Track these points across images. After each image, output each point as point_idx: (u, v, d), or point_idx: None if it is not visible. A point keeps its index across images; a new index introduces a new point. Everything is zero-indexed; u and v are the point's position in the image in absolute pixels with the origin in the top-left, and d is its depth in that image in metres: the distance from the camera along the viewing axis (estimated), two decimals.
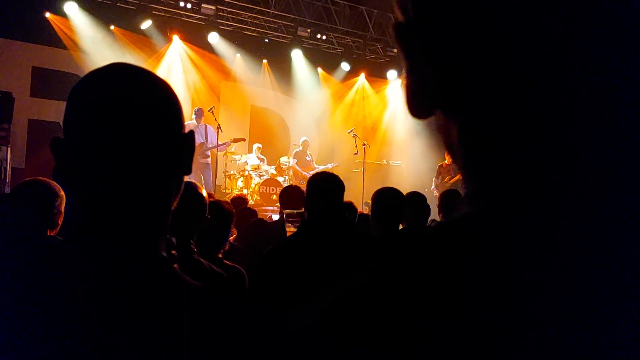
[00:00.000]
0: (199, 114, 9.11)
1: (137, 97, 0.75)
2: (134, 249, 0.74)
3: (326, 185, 2.41)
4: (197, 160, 8.97)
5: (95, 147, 0.73)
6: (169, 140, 0.77)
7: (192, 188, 1.95)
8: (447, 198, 4.06)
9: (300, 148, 10.60)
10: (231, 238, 3.86)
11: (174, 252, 0.86)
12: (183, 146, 0.79)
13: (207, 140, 9.03)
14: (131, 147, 0.73)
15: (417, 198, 3.64)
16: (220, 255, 2.35)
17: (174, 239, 0.87)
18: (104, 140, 0.73)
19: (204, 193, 1.99)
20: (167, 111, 0.78)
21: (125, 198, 0.75)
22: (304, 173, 10.10)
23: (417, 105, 0.42)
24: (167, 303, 0.73)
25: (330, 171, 3.18)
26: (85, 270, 0.71)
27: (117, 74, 0.78)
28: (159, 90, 0.78)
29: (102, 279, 0.70)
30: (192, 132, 0.81)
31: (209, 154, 9.11)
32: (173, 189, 0.79)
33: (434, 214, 4.19)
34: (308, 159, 10.58)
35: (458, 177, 9.64)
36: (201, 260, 2.05)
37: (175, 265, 0.76)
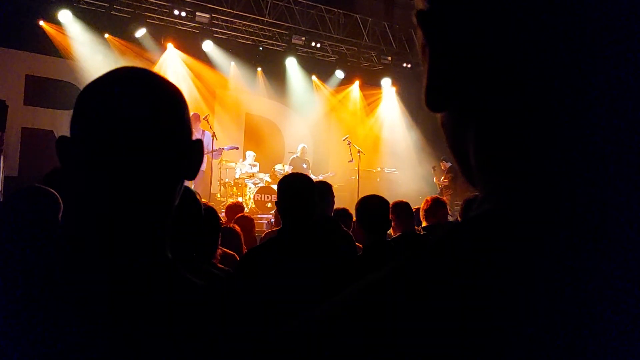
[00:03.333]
0: (194, 118, 9.03)
1: (145, 101, 0.75)
2: (141, 251, 0.74)
3: (292, 190, 2.37)
4: None
5: (101, 148, 0.73)
6: (176, 145, 0.77)
7: (188, 193, 1.94)
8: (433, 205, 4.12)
9: (298, 155, 10.59)
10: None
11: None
12: (191, 152, 0.79)
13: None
14: (137, 150, 0.73)
15: (403, 207, 3.68)
16: (215, 261, 2.34)
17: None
18: (109, 142, 0.73)
19: (199, 198, 1.99)
20: (174, 116, 0.78)
21: (131, 200, 0.75)
22: None
23: (433, 97, 0.40)
24: (175, 302, 0.73)
25: (324, 180, 3.17)
26: (93, 272, 0.71)
27: (126, 78, 0.78)
28: (167, 95, 0.78)
29: (109, 281, 0.71)
30: (200, 141, 0.81)
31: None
32: (177, 193, 0.79)
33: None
34: (304, 166, 10.54)
35: (446, 181, 9.90)
36: (202, 267, 2.04)
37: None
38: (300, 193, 2.34)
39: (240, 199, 9.22)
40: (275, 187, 9.66)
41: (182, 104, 0.79)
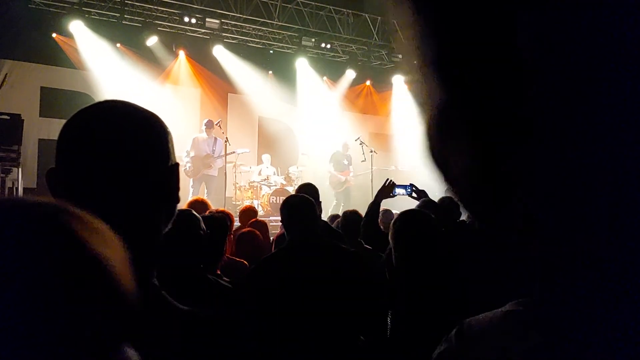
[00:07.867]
0: (208, 125, 9.16)
1: (121, 134, 0.77)
2: None
3: (294, 210, 2.52)
4: (201, 171, 9.03)
5: (84, 179, 0.75)
6: (156, 172, 0.79)
7: (186, 215, 1.99)
8: None
9: (340, 150, 10.70)
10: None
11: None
12: (170, 177, 0.81)
13: (214, 153, 9.09)
14: (118, 180, 0.75)
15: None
16: (219, 272, 2.38)
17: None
18: (91, 173, 0.75)
19: (197, 215, 2.04)
20: (150, 145, 0.80)
21: (115, 229, 0.76)
22: (339, 176, 10.37)
23: None
24: (158, 328, 0.75)
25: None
26: None
27: (105, 111, 0.80)
28: (146, 125, 0.80)
29: None
30: (177, 164, 0.83)
31: (213, 166, 9.14)
32: (162, 218, 0.81)
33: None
34: (345, 162, 10.62)
35: None
36: (208, 276, 2.07)
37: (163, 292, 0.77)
38: (299, 211, 2.51)
39: (254, 202, 9.28)
40: (290, 189, 9.74)
41: (158, 132, 0.81)
